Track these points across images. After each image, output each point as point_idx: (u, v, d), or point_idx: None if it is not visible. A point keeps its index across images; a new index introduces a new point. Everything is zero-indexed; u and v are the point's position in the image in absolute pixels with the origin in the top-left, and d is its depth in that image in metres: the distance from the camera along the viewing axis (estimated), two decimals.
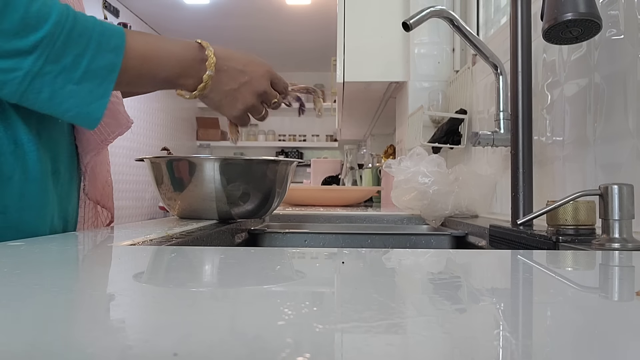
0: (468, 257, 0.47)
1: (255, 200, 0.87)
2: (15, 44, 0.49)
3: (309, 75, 5.78)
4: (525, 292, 0.32)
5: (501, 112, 1.07)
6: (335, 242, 1.04)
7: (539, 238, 0.62)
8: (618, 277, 0.38)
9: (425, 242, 1.04)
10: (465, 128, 1.52)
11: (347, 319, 0.22)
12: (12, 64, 0.49)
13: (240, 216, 0.89)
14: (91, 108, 0.55)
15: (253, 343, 0.19)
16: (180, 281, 0.34)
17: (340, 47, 1.97)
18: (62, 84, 0.52)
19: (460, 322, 0.23)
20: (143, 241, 0.55)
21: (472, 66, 1.53)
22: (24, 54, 0.50)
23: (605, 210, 0.52)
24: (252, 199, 0.87)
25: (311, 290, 0.30)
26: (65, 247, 0.48)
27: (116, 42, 0.56)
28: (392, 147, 2.78)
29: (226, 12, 4.18)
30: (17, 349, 0.18)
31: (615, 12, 0.75)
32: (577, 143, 0.85)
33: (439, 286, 0.33)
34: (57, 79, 0.52)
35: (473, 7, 1.76)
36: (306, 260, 0.44)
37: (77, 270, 0.36)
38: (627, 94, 0.72)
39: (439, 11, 1.05)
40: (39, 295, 0.27)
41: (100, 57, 0.54)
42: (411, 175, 1.11)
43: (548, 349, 0.19)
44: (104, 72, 0.54)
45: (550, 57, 0.96)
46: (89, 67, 0.53)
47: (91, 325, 0.22)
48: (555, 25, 0.64)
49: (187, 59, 0.64)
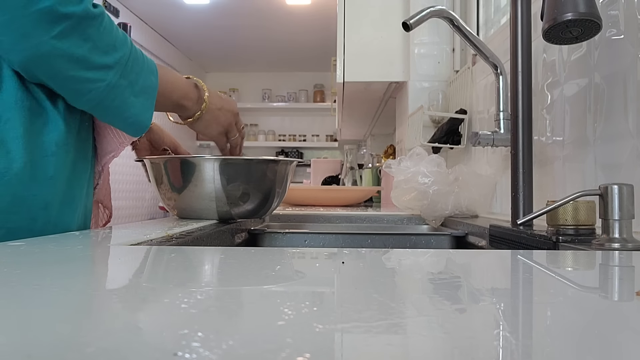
0: (468, 257, 0.47)
1: (255, 200, 0.87)
2: (105, 59, 0.61)
3: (309, 75, 5.78)
4: (525, 292, 0.32)
5: (501, 112, 1.07)
6: (335, 242, 1.04)
7: (539, 238, 0.62)
8: (618, 277, 0.38)
9: (425, 242, 1.04)
10: (465, 128, 1.52)
11: (347, 319, 0.22)
12: (100, 75, 0.61)
13: (240, 216, 0.89)
14: (144, 117, 0.67)
15: (253, 343, 0.19)
16: (180, 281, 0.34)
17: (340, 47, 1.97)
18: (127, 96, 0.64)
19: (460, 322, 0.23)
20: (143, 241, 0.55)
21: (472, 66, 1.53)
22: (108, 68, 0.61)
23: (605, 210, 0.52)
24: (252, 199, 0.86)
25: (311, 290, 0.30)
26: (65, 247, 0.48)
27: (153, 67, 0.70)
28: (392, 147, 2.78)
29: (226, 12, 4.18)
30: (17, 349, 0.18)
31: (615, 12, 0.75)
32: (577, 143, 0.85)
33: (439, 286, 0.33)
34: (125, 91, 0.64)
35: (473, 7, 1.76)
36: (306, 260, 0.44)
37: (77, 270, 0.36)
38: (627, 94, 0.72)
39: (439, 11, 1.05)
40: (39, 295, 0.27)
41: (148, 77, 0.67)
42: (411, 176, 1.11)
43: (548, 349, 0.19)
44: (150, 90, 0.68)
45: (550, 57, 0.96)
46: (143, 84, 0.66)
47: (91, 325, 0.22)
48: (555, 25, 0.64)
49: (188, 84, 0.78)
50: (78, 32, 0.57)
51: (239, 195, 0.84)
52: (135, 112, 0.66)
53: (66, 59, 0.57)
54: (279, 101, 5.75)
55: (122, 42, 0.63)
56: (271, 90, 5.85)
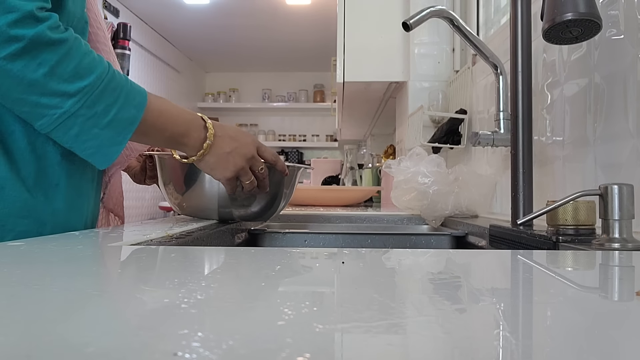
0: (468, 257, 0.47)
1: (260, 203, 0.86)
2: (64, 87, 0.58)
3: (309, 75, 5.78)
4: (525, 292, 0.32)
5: (501, 112, 1.07)
6: (335, 242, 1.04)
7: (539, 238, 0.62)
8: (618, 277, 0.38)
9: (425, 242, 1.04)
10: (465, 128, 1.52)
11: (347, 319, 0.22)
12: (56, 102, 0.58)
13: (244, 218, 0.89)
14: (107, 151, 0.64)
15: (253, 343, 0.19)
16: (179, 281, 0.34)
17: (340, 47, 1.97)
18: (89, 127, 0.61)
19: (460, 322, 0.23)
20: (143, 241, 0.55)
21: (472, 66, 1.53)
22: (67, 96, 0.59)
23: (605, 210, 0.52)
24: (257, 202, 0.86)
25: (311, 290, 0.30)
26: (65, 247, 0.48)
27: (140, 100, 0.66)
28: (392, 147, 2.78)
29: (226, 12, 4.18)
30: (17, 348, 0.18)
31: (615, 12, 0.75)
32: (577, 143, 0.85)
33: (439, 286, 0.33)
34: (87, 122, 0.61)
35: (473, 7, 1.76)
36: (306, 260, 0.44)
37: (77, 270, 0.36)
38: (627, 94, 0.72)
39: (439, 11, 1.05)
40: (39, 295, 0.27)
41: (126, 110, 0.63)
42: (411, 176, 1.11)
43: (548, 349, 0.19)
44: (125, 124, 0.64)
45: (550, 57, 0.96)
46: (115, 117, 0.62)
47: (91, 325, 0.22)
48: (555, 25, 0.64)
49: (192, 121, 0.73)
50: (31, 55, 0.56)
51: (243, 197, 0.84)
52: (97, 145, 0.62)
53: (16, 81, 0.56)
54: (279, 101, 5.75)
55: (91, 70, 0.60)
56: (271, 90, 5.85)
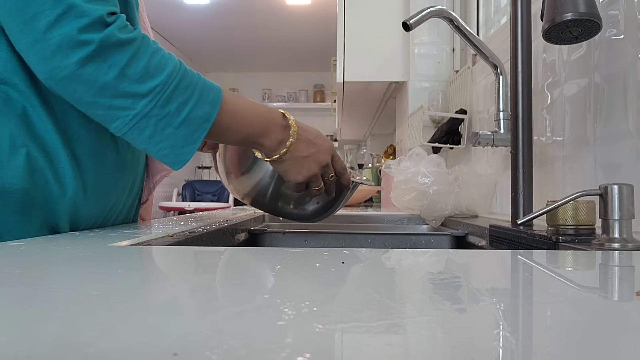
0: (468, 257, 0.47)
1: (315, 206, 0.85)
2: (135, 88, 0.57)
3: (309, 75, 5.78)
4: (525, 292, 0.32)
5: (501, 112, 1.07)
6: (335, 242, 1.04)
7: (539, 238, 0.62)
8: (618, 277, 0.38)
9: (425, 242, 1.04)
10: (465, 128, 1.52)
11: (347, 319, 0.22)
12: (128, 103, 0.58)
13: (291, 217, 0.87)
14: (182, 151, 0.62)
15: (253, 343, 0.19)
16: (180, 281, 0.34)
17: (340, 47, 1.97)
18: (163, 127, 0.60)
19: (460, 322, 0.23)
20: (143, 241, 0.55)
21: (472, 66, 1.53)
22: (139, 97, 0.58)
23: (605, 210, 0.52)
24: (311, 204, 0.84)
25: (311, 290, 0.30)
26: (65, 247, 0.48)
27: (214, 97, 0.63)
28: (392, 147, 2.78)
29: (226, 12, 4.18)
30: (18, 348, 0.18)
31: (615, 12, 0.75)
32: (577, 143, 0.85)
33: (439, 286, 0.33)
34: (160, 122, 0.60)
35: (473, 7, 1.76)
36: (306, 260, 0.44)
37: (77, 270, 0.36)
38: (627, 94, 0.72)
39: (439, 11, 1.05)
40: (39, 295, 0.27)
41: (200, 108, 0.61)
42: (411, 176, 1.11)
43: (548, 349, 0.19)
44: (200, 121, 0.62)
45: (550, 57, 0.96)
46: (188, 115, 0.61)
47: (91, 325, 0.22)
48: (555, 25, 0.64)
49: (271, 121, 0.70)
50: (101, 58, 0.56)
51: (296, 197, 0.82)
52: (171, 145, 0.61)
53: (89, 85, 0.56)
54: (279, 101, 5.75)
55: (162, 68, 0.59)
56: (271, 90, 5.85)
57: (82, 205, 0.68)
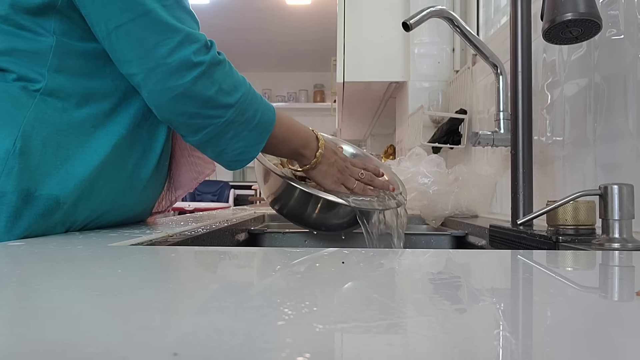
0: (468, 257, 0.47)
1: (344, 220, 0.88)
2: (227, 99, 0.67)
3: (309, 75, 5.78)
4: (525, 292, 0.32)
5: (501, 112, 1.07)
6: (335, 242, 1.04)
7: (539, 238, 0.62)
8: (618, 277, 0.38)
9: (425, 242, 1.04)
10: (465, 128, 1.52)
11: (347, 319, 0.22)
12: (221, 113, 0.67)
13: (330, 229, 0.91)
14: (251, 149, 0.72)
15: (253, 343, 0.19)
16: (180, 281, 0.34)
17: (340, 47, 1.97)
18: (241, 130, 0.70)
19: (460, 322, 0.23)
20: (143, 241, 0.55)
21: (472, 66, 1.53)
22: (229, 107, 0.67)
23: (605, 210, 0.52)
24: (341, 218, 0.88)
25: (311, 290, 0.30)
26: (65, 247, 0.48)
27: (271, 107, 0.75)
28: (392, 147, 2.78)
29: (226, 12, 4.18)
30: (18, 349, 0.18)
31: (615, 12, 0.75)
32: (577, 143, 0.85)
33: (439, 286, 0.33)
34: (240, 127, 0.69)
35: (473, 7, 1.76)
36: (306, 260, 0.44)
37: (77, 270, 0.36)
38: (627, 94, 0.72)
39: (439, 11, 1.05)
40: (39, 295, 0.27)
41: (266, 114, 0.72)
42: (411, 176, 1.11)
43: (548, 349, 0.19)
44: (266, 125, 0.72)
45: (550, 57, 0.96)
46: (260, 120, 0.71)
47: (91, 325, 0.22)
48: (555, 25, 0.64)
49: (308, 132, 0.83)
50: (207, 76, 0.64)
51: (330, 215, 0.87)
52: (245, 145, 0.71)
53: (196, 99, 0.65)
54: (279, 101, 5.75)
55: (242, 82, 0.70)
56: (271, 90, 5.85)
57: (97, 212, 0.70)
